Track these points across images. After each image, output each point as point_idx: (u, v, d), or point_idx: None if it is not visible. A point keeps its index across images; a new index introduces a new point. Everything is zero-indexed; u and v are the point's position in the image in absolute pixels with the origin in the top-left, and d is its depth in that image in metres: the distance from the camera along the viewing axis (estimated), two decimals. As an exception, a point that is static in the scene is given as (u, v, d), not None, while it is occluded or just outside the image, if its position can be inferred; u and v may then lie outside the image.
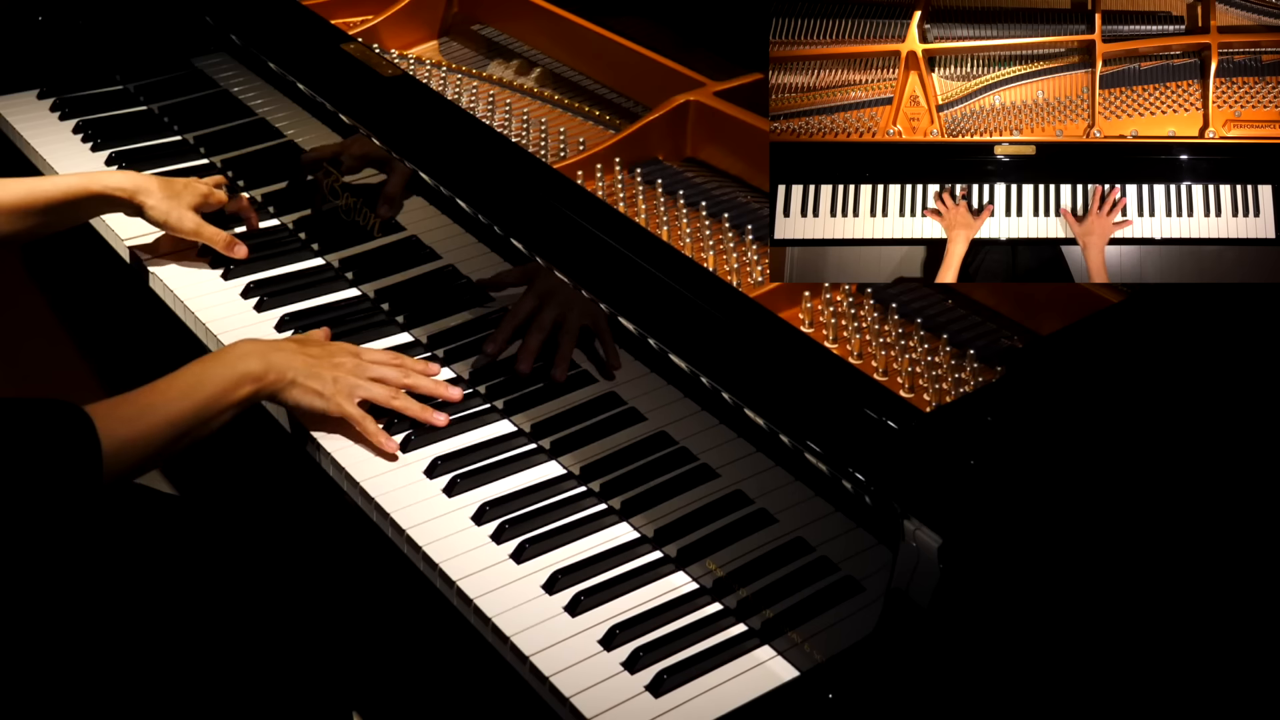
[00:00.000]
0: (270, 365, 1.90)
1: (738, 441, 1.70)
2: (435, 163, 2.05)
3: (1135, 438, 1.62)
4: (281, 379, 1.90)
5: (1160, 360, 1.67)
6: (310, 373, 1.92)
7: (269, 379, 1.89)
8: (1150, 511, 1.65)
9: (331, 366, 1.94)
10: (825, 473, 1.58)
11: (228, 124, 2.57)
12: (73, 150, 2.60)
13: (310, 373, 1.92)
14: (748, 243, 1.97)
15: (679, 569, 1.77)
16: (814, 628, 1.62)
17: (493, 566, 1.77)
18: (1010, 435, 1.52)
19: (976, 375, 1.73)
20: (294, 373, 1.91)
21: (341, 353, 1.98)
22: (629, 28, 2.38)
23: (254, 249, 2.34)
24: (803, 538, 1.66)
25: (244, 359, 1.89)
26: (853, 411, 1.55)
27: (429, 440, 1.95)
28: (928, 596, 1.47)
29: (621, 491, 1.84)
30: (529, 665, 1.64)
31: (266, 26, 2.39)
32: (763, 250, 1.95)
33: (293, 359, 1.92)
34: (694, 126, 2.17)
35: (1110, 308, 1.72)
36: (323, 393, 1.92)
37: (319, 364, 1.94)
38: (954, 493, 1.47)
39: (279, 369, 1.90)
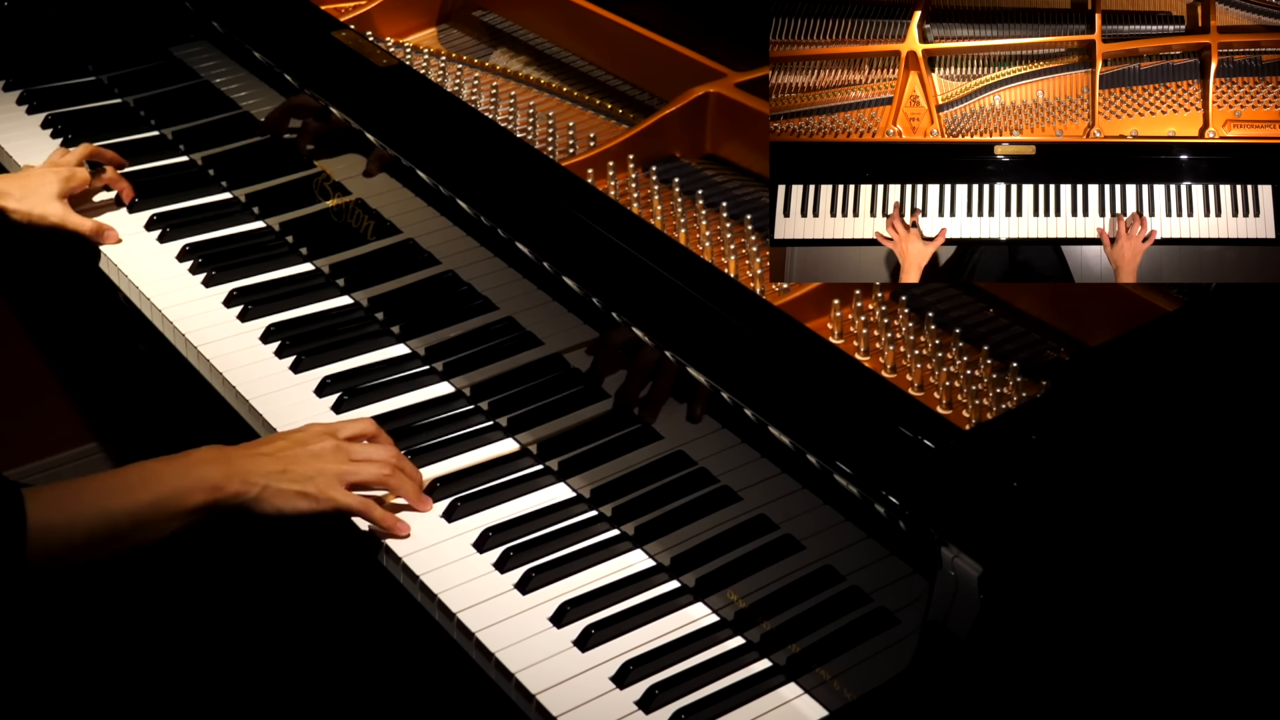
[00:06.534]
0: (232, 473, 1.80)
1: (761, 462, 1.72)
2: (434, 160, 2.06)
3: (1191, 459, 1.62)
4: (247, 489, 1.80)
5: (1220, 374, 1.68)
6: (286, 474, 1.83)
7: (230, 489, 1.79)
8: (1209, 539, 1.65)
9: (310, 458, 1.85)
10: (856, 495, 1.59)
11: (209, 118, 2.59)
12: (41, 146, 2.62)
13: (286, 474, 1.83)
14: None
15: (697, 600, 1.79)
16: (844, 663, 1.64)
17: (496, 597, 1.78)
18: (1056, 455, 1.53)
19: (1019, 390, 1.74)
20: (263, 478, 1.81)
21: (316, 438, 1.88)
22: (643, 14, 2.39)
23: (239, 252, 2.36)
24: (832, 566, 1.67)
25: (202, 464, 1.81)
26: (886, 429, 1.56)
27: (427, 462, 1.96)
28: (967, 629, 1.48)
29: (635, 516, 1.86)
30: (535, 704, 1.66)
31: (251, 12, 2.41)
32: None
33: (261, 463, 1.83)
34: (714, 120, 2.18)
35: (1165, 317, 1.73)
36: (307, 492, 1.83)
37: (293, 461, 1.84)
38: (995, 517, 1.48)
39: (243, 477, 1.80)
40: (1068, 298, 1.84)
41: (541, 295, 1.97)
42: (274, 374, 2.14)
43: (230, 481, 1.80)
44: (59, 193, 2.32)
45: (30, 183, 2.31)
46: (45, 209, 2.29)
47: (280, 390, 2.10)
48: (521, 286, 2.00)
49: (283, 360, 2.16)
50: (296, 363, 2.14)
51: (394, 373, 2.13)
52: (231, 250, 2.38)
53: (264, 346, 2.19)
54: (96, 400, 3.21)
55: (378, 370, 2.14)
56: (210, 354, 2.17)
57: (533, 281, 1.98)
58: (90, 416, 3.21)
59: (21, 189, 2.30)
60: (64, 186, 2.32)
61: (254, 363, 2.16)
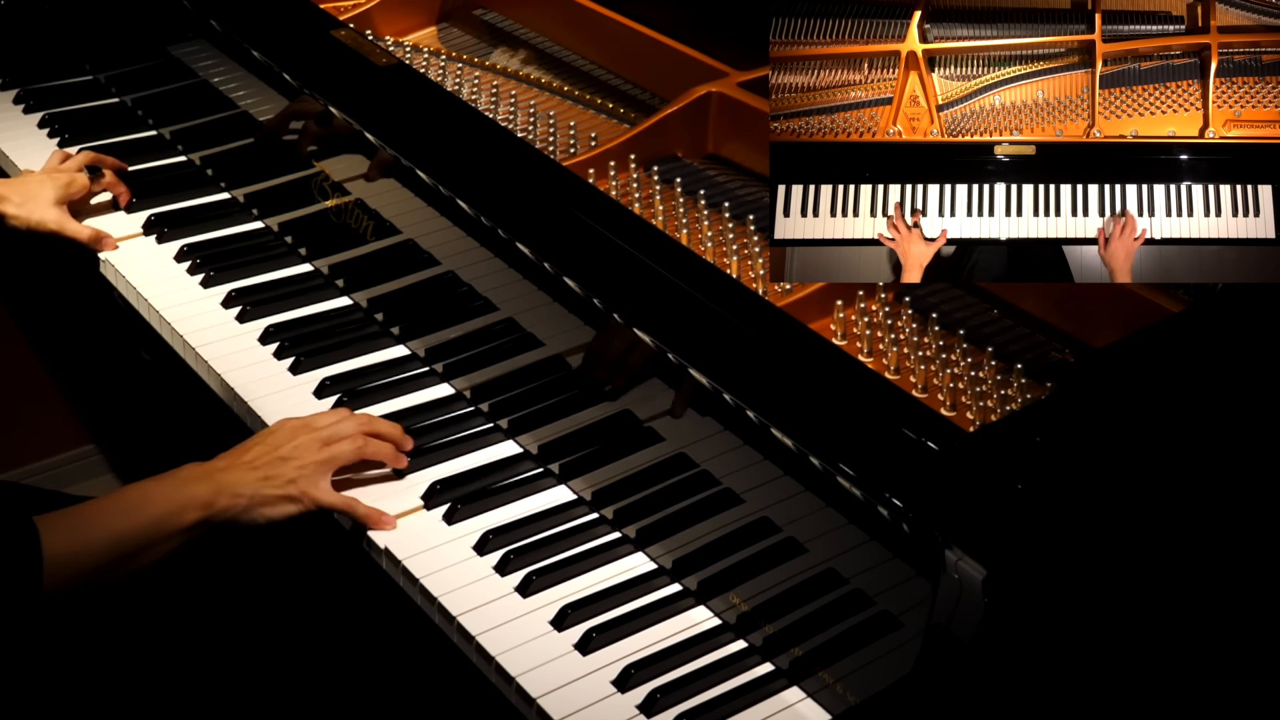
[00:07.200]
0: (220, 490, 1.84)
1: (764, 464, 1.72)
2: (434, 160, 2.06)
3: (1198, 462, 1.63)
4: (236, 501, 1.84)
5: (1226, 376, 1.68)
6: (269, 481, 1.86)
7: (219, 505, 1.83)
8: (1216, 542, 1.65)
9: (290, 457, 1.88)
10: (859, 498, 1.59)
11: (207, 117, 2.59)
12: (38, 146, 2.62)
13: (269, 481, 1.86)
14: (774, 247, 1.99)
15: (699, 603, 1.79)
16: (847, 667, 1.64)
17: (496, 600, 1.79)
18: (1061, 457, 1.53)
19: (1024, 392, 1.74)
20: (249, 488, 1.85)
21: (290, 436, 1.91)
22: (645, 12, 2.39)
23: (238, 252, 2.36)
24: (835, 569, 1.67)
25: (190, 483, 1.84)
26: (889, 431, 1.57)
27: (427, 463, 1.97)
28: (971, 632, 1.48)
29: (637, 519, 1.86)
30: (535, 708, 1.66)
31: (250, 11, 2.41)
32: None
33: (244, 474, 1.86)
34: (716, 120, 2.19)
35: (1170, 318, 1.74)
36: (291, 495, 1.87)
37: (273, 467, 1.87)
38: (1000, 520, 1.48)
39: (231, 491, 1.84)
40: (1072, 298, 1.84)
41: (542, 296, 1.97)
42: (273, 375, 2.14)
43: (219, 497, 1.84)
44: (57, 199, 2.33)
45: (29, 188, 2.32)
46: (43, 215, 2.30)
47: (279, 392, 2.11)
48: (522, 287, 2.00)
49: (282, 361, 2.16)
50: (296, 364, 2.14)
51: (394, 374, 2.13)
52: (230, 250, 2.38)
53: (263, 348, 2.19)
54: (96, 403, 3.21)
55: (377, 372, 2.14)
56: (208, 355, 2.17)
57: (534, 282, 1.98)
58: (88, 419, 3.21)
59: (20, 194, 2.30)
60: (63, 193, 2.33)
61: (253, 364, 2.16)
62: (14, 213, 2.30)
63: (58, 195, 2.33)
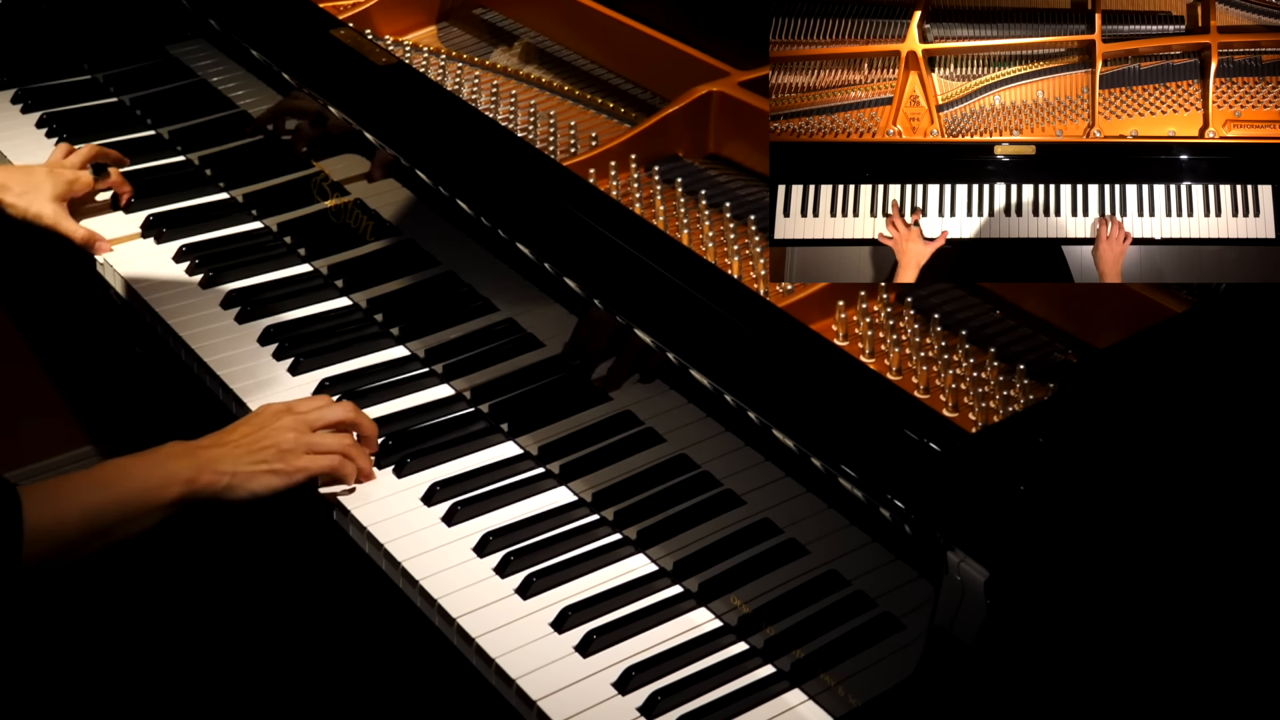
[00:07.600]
0: (202, 466, 1.86)
1: (765, 465, 1.72)
2: (434, 160, 2.07)
3: (1201, 463, 1.63)
4: (218, 478, 1.86)
5: (1230, 377, 1.68)
6: (252, 459, 1.89)
7: (202, 481, 1.85)
8: (1219, 543, 1.66)
9: (274, 433, 1.91)
10: (861, 499, 1.59)
11: (206, 117, 2.59)
12: (35, 146, 2.62)
13: (252, 459, 1.89)
14: (776, 247, 1.99)
15: (700, 605, 1.79)
16: (849, 669, 1.64)
17: (496, 602, 1.79)
18: (1064, 458, 1.53)
19: (1026, 393, 1.75)
20: (231, 464, 1.87)
21: (274, 418, 1.94)
22: (645, 11, 2.40)
23: (237, 252, 2.37)
24: (836, 571, 1.67)
25: (173, 459, 1.86)
26: (891, 432, 1.57)
27: (427, 464, 1.97)
28: (973, 635, 1.48)
29: (637, 520, 1.86)
30: (536, 710, 1.66)
31: (249, 10, 2.41)
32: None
33: (227, 452, 1.89)
34: (717, 120, 2.19)
35: (1173, 318, 1.74)
36: (276, 468, 1.89)
37: (256, 443, 1.90)
38: (1002, 521, 1.48)
39: (213, 468, 1.86)
40: (1075, 299, 1.84)
41: (543, 297, 1.97)
42: (272, 377, 2.14)
43: (201, 474, 1.85)
44: (58, 195, 2.33)
45: (32, 179, 2.33)
46: (41, 208, 2.31)
47: (278, 393, 2.11)
48: (523, 288, 2.00)
49: (281, 362, 2.16)
50: (295, 365, 2.15)
51: (393, 375, 2.13)
52: (229, 251, 2.39)
53: (262, 348, 2.19)
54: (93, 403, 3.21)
55: (377, 372, 2.14)
56: (207, 356, 2.18)
57: (534, 283, 1.98)
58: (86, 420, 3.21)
59: (21, 184, 2.31)
60: (64, 189, 2.34)
61: (252, 365, 2.17)
62: (13, 201, 2.30)
63: (59, 192, 2.33)
